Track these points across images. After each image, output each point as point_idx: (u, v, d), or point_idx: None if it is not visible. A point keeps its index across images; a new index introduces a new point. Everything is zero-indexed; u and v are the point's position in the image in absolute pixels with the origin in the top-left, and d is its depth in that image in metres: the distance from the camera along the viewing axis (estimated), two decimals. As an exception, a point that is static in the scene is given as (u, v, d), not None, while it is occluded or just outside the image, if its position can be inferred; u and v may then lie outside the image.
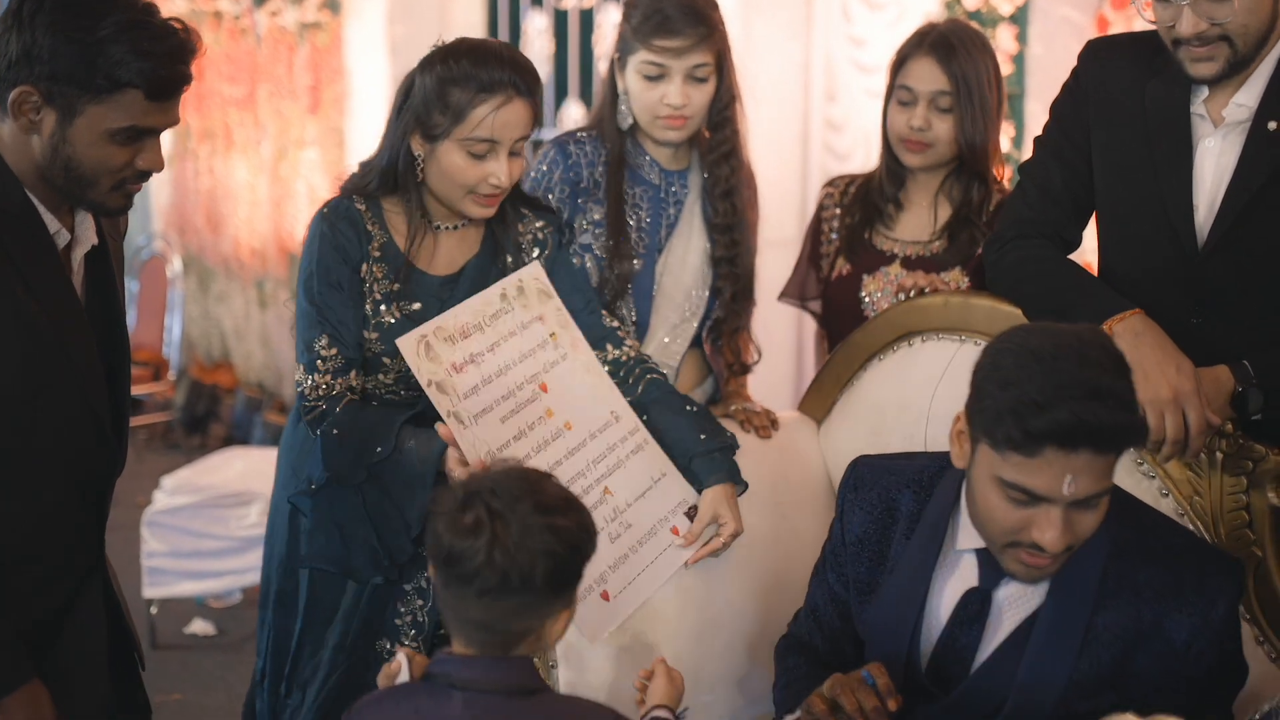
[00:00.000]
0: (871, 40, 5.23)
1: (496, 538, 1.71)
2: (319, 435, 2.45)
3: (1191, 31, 2.25)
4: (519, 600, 1.74)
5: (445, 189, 2.50)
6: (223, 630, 4.89)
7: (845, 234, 3.01)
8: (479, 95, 2.42)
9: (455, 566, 1.73)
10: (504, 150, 2.46)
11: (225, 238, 7.58)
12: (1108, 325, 2.29)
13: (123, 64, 1.97)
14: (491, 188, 2.48)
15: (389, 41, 6.60)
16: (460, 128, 2.44)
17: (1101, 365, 1.86)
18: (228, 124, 7.42)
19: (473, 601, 1.75)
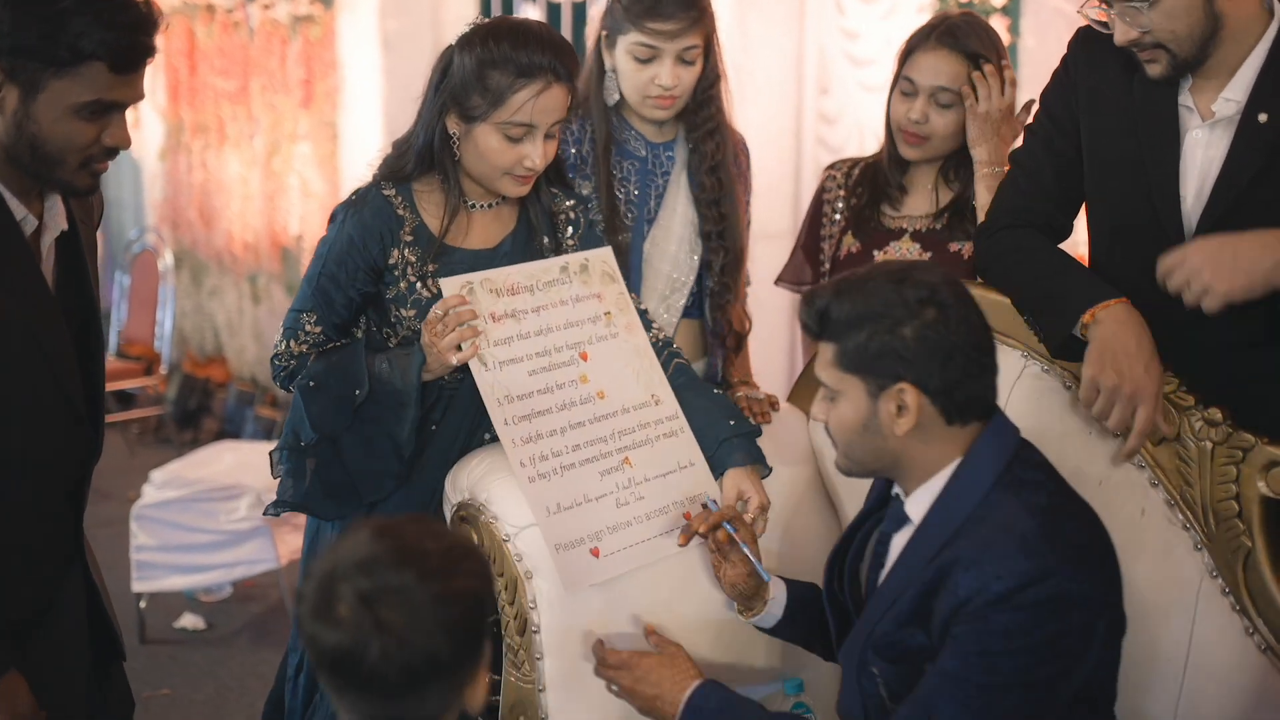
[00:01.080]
0: (864, 33, 5.22)
1: (382, 626, 1.46)
2: (295, 390, 2.48)
3: (1124, 40, 2.27)
4: (433, 685, 1.52)
5: (481, 169, 2.51)
6: (212, 625, 4.87)
7: (852, 214, 3.01)
8: (519, 80, 2.43)
9: (345, 671, 1.49)
10: (540, 133, 2.47)
11: (218, 232, 7.55)
12: (1092, 311, 2.28)
13: (85, 35, 1.93)
14: (526, 170, 2.50)
15: (382, 35, 6.60)
16: (499, 111, 2.44)
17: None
18: (220, 118, 7.39)
19: (379, 704, 1.51)
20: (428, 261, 2.53)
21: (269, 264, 7.32)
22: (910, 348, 1.94)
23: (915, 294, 1.94)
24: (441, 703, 1.55)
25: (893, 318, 1.94)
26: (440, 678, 1.52)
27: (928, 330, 1.93)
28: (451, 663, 1.52)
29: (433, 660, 1.49)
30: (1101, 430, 2.35)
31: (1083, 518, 2.01)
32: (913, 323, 1.94)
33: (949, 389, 1.96)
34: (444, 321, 2.39)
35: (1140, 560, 2.30)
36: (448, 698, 1.55)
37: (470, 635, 1.54)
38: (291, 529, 4.52)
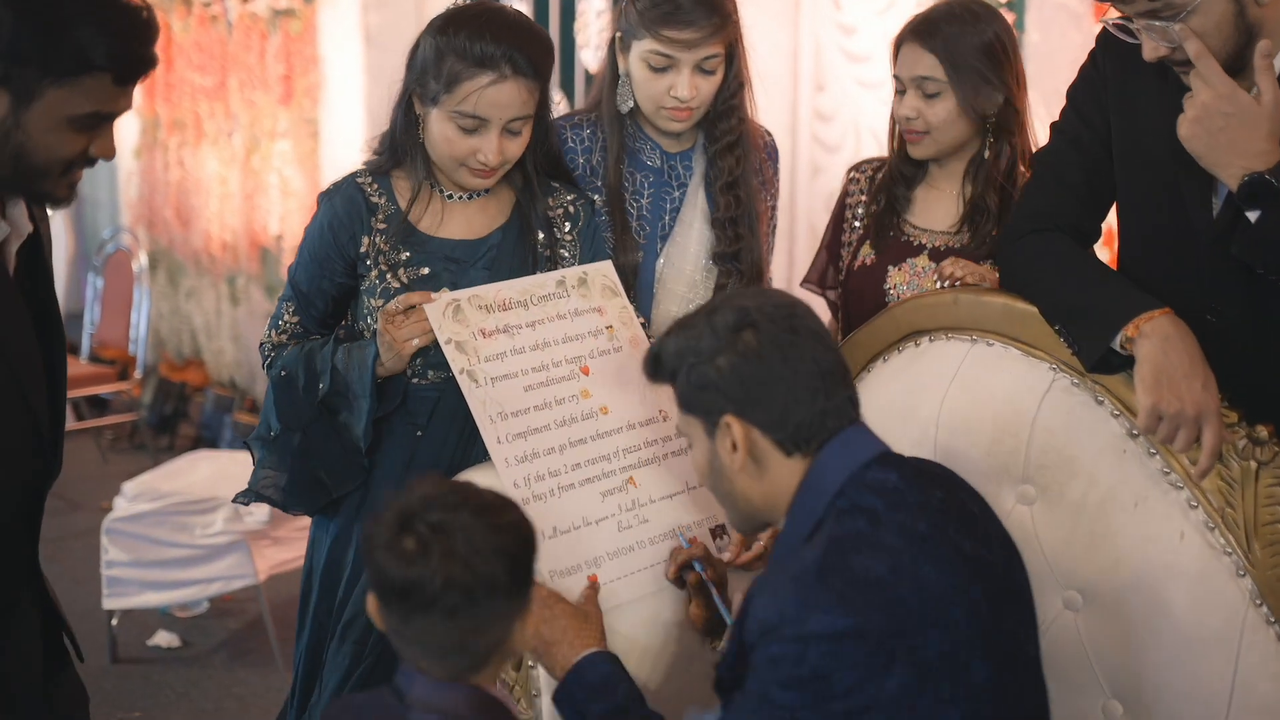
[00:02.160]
0: (862, 28, 5.14)
1: (451, 552, 1.62)
2: (270, 379, 2.51)
3: (1153, 56, 2.13)
4: (488, 609, 1.66)
5: (438, 157, 2.46)
6: (188, 643, 4.72)
7: (871, 222, 2.85)
8: (470, 69, 2.37)
9: (412, 597, 1.63)
10: (494, 128, 2.40)
11: (195, 232, 7.51)
12: (1135, 324, 2.13)
13: (93, 44, 1.82)
14: (480, 164, 2.41)
15: (364, 29, 6.53)
16: (449, 98, 2.39)
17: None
18: (198, 114, 7.36)
19: (440, 628, 1.65)
20: (399, 249, 2.46)
21: (248, 265, 7.28)
22: (726, 378, 1.83)
23: (725, 320, 1.85)
24: (499, 630, 1.68)
25: (708, 349, 1.85)
26: (497, 602, 1.65)
27: (739, 358, 1.83)
28: (508, 587, 1.65)
29: (491, 583, 1.63)
30: (1138, 449, 2.21)
31: (886, 548, 1.75)
32: (727, 352, 1.84)
33: (777, 418, 1.83)
34: (404, 314, 2.33)
35: (1177, 587, 2.16)
36: (504, 624, 1.68)
37: (522, 564, 1.68)
38: (271, 543, 4.37)
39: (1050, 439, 2.29)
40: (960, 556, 1.78)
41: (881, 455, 1.88)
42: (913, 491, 1.84)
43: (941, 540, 1.79)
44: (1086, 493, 2.25)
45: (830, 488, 1.83)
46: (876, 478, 1.84)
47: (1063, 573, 2.26)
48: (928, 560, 1.75)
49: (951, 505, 1.86)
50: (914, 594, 1.72)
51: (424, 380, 2.49)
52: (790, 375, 1.83)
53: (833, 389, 1.85)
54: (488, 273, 2.48)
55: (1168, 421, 2.11)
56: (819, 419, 1.84)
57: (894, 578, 1.73)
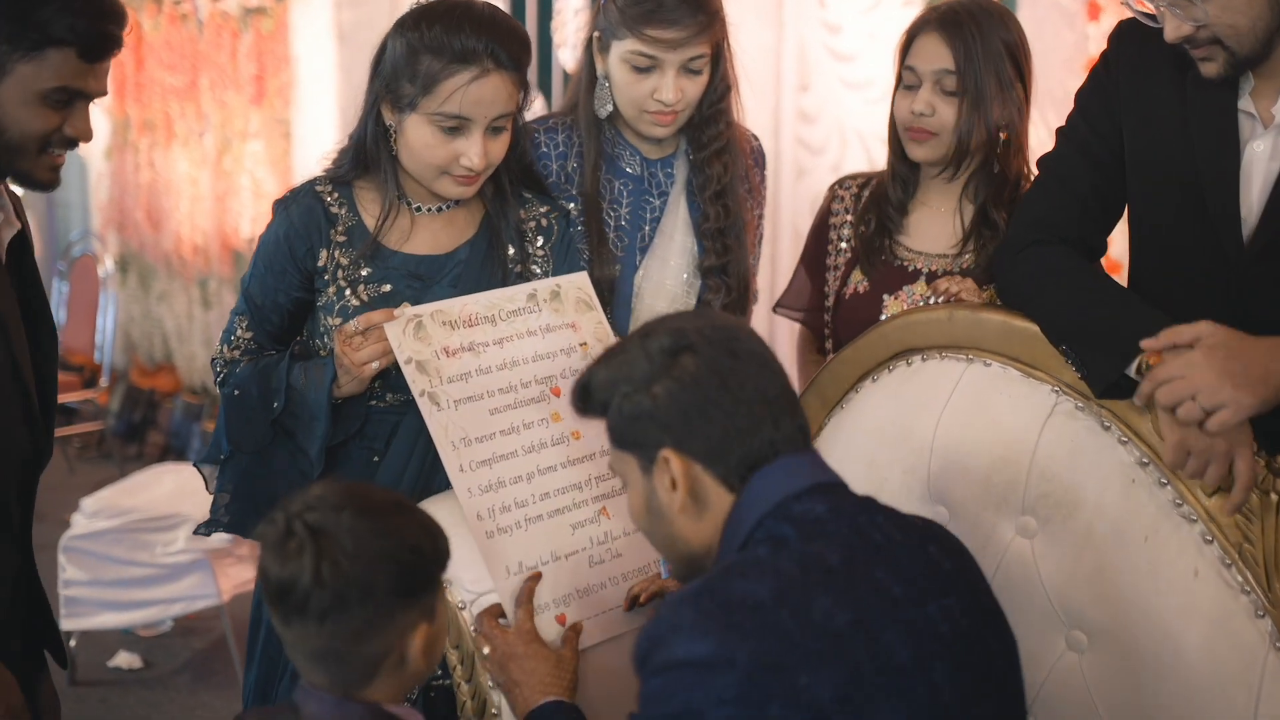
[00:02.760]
0: (847, 27, 5.07)
1: (322, 553, 1.58)
2: (222, 398, 2.38)
3: (1175, 36, 2.00)
4: (362, 617, 1.60)
5: (416, 166, 2.31)
6: (150, 663, 4.57)
7: (860, 244, 2.68)
8: (450, 65, 2.21)
9: (286, 597, 1.60)
10: (478, 129, 2.25)
11: (166, 234, 7.47)
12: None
13: (55, 20, 1.95)
14: (465, 169, 2.26)
15: (337, 28, 6.49)
16: (429, 100, 2.23)
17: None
18: (168, 114, 7.31)
19: (314, 632, 1.61)
20: (360, 264, 2.31)
21: (219, 267, 7.23)
22: (662, 407, 1.67)
23: (660, 344, 1.69)
24: (381, 640, 1.62)
25: (642, 376, 1.69)
26: (371, 610, 1.60)
27: (676, 385, 1.67)
28: (384, 597, 1.60)
29: (366, 589, 1.58)
30: (1148, 479, 2.07)
31: (775, 573, 1.58)
32: (663, 379, 1.67)
33: (718, 449, 1.67)
34: (363, 335, 2.18)
35: (1192, 628, 2.03)
36: (387, 635, 1.62)
37: (413, 573, 1.63)
38: (235, 561, 4.22)
39: (1053, 467, 2.15)
40: (879, 596, 1.59)
41: (817, 485, 1.69)
42: (839, 524, 1.65)
43: (856, 575, 1.60)
44: (1092, 525, 2.11)
45: (752, 516, 1.67)
46: (801, 508, 1.66)
47: (1066, 611, 2.12)
48: (827, 593, 1.56)
49: (900, 549, 1.66)
50: (799, 626, 1.53)
51: (382, 403, 2.34)
52: (731, 403, 1.67)
53: (779, 417, 1.69)
54: (454, 290, 2.34)
55: (1197, 457, 1.97)
56: (767, 450, 1.68)
57: (775, 604, 1.54)
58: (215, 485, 2.39)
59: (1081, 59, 4.52)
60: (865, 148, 5.06)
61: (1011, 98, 2.50)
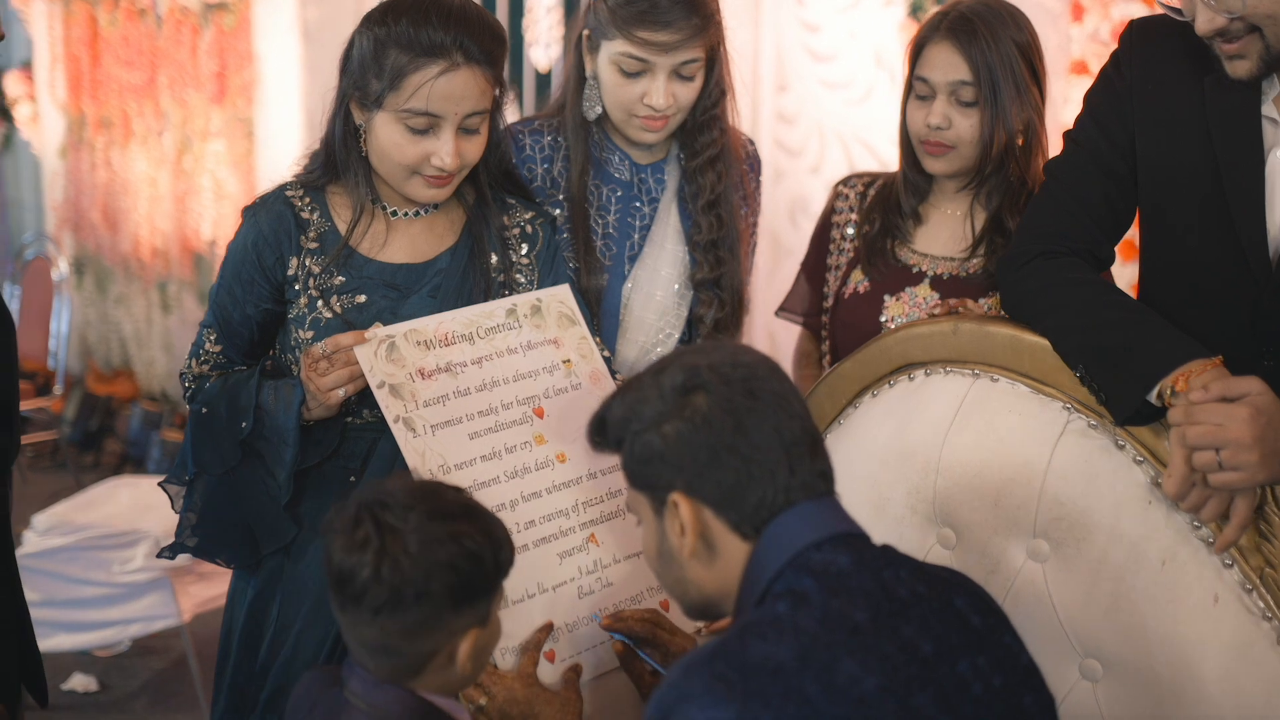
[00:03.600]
0: (826, 26, 5.04)
1: (385, 551, 1.62)
2: (191, 414, 2.27)
3: (1209, 28, 1.89)
4: (415, 617, 1.64)
5: (386, 167, 2.20)
6: (106, 686, 4.42)
7: (863, 244, 2.57)
8: (416, 60, 2.11)
9: (346, 586, 1.65)
10: (449, 126, 2.15)
11: (124, 236, 7.37)
12: (1183, 375, 1.88)
13: None
14: (436, 170, 2.15)
15: (301, 24, 6.44)
16: (396, 96, 2.13)
17: None
18: (126, 112, 7.22)
19: (367, 622, 1.65)
20: (333, 272, 2.20)
21: (180, 270, 7.13)
22: (672, 448, 1.58)
23: (673, 380, 1.60)
24: (430, 640, 1.65)
25: (653, 414, 1.60)
26: (425, 612, 1.63)
27: (687, 425, 1.58)
28: (439, 601, 1.62)
29: (422, 591, 1.61)
30: (1165, 501, 1.98)
31: (797, 633, 1.48)
32: (673, 418, 1.59)
33: (730, 495, 1.57)
34: (329, 359, 2.06)
35: (1212, 656, 1.94)
36: (437, 637, 1.65)
37: (463, 582, 1.64)
38: (196, 578, 4.08)
39: (1065, 488, 2.05)
40: (908, 657, 1.49)
41: (838, 535, 1.59)
42: (863, 577, 1.55)
43: (883, 634, 1.49)
44: (1107, 549, 2.02)
45: (772, 567, 1.56)
46: (822, 558, 1.56)
47: (1080, 639, 2.03)
48: (852, 654, 1.46)
49: (927, 603, 1.56)
50: (823, 692, 1.43)
51: (359, 419, 2.23)
52: (746, 446, 1.56)
53: (797, 462, 1.58)
54: (433, 301, 2.22)
55: (1199, 492, 1.89)
56: (781, 497, 1.58)
57: (799, 667, 1.44)
58: (181, 506, 2.27)
59: (1065, 60, 4.45)
60: (845, 149, 4.98)
61: (1029, 100, 2.40)
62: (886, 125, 5.00)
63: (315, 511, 2.23)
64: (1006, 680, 1.54)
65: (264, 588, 2.28)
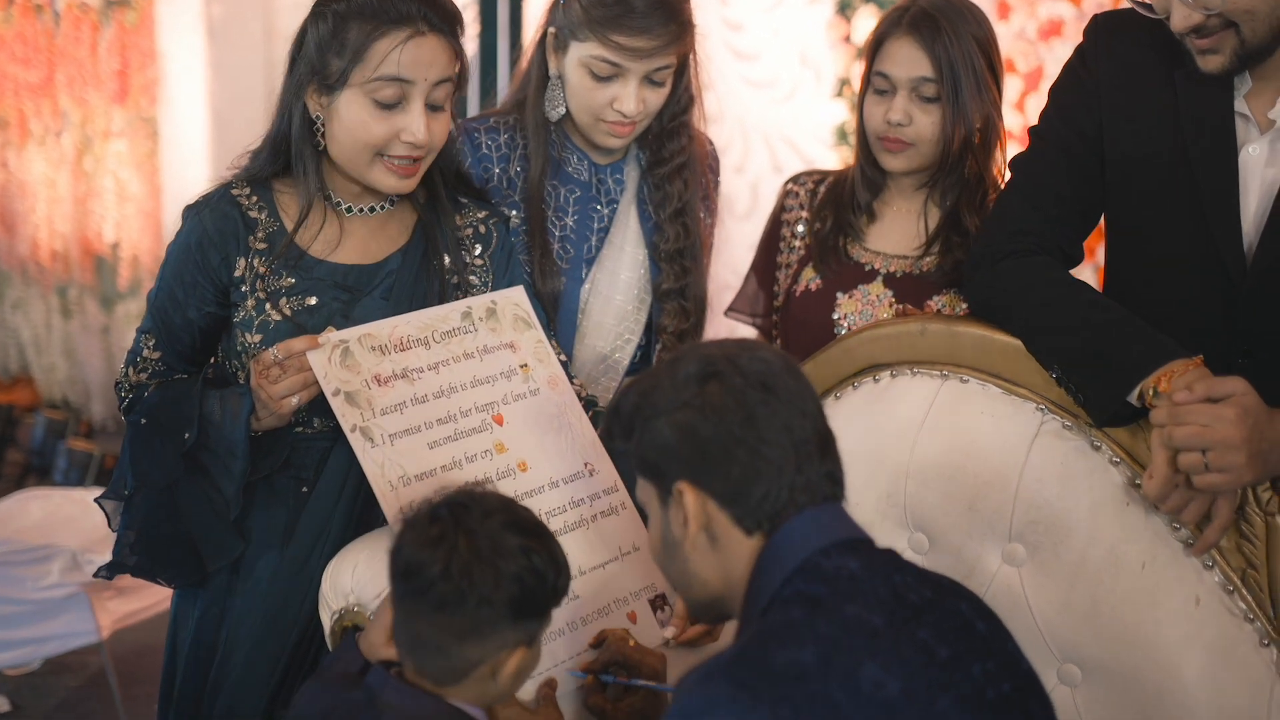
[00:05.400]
0: (749, 25, 5.02)
1: (457, 550, 1.64)
2: (128, 427, 2.17)
3: (1185, 25, 1.88)
4: (474, 621, 1.65)
5: (350, 154, 2.10)
6: (18, 705, 4.23)
7: (815, 242, 2.52)
8: (381, 27, 2.03)
9: (413, 579, 1.67)
10: (419, 96, 2.07)
11: (22, 239, 7.15)
12: (1165, 375, 1.85)
13: None
14: (407, 147, 2.07)
15: (206, 22, 6.32)
16: (361, 68, 2.05)
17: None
18: (22, 112, 7.01)
19: (427, 617, 1.67)
20: (282, 273, 2.11)
21: (81, 274, 6.92)
22: (681, 438, 1.57)
23: (687, 370, 1.59)
24: (481, 647, 1.67)
25: (665, 403, 1.58)
26: (484, 618, 1.65)
27: (698, 415, 1.56)
28: (499, 610, 1.64)
29: (485, 596, 1.64)
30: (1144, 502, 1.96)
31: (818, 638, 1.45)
32: (685, 408, 1.57)
33: (735, 489, 1.55)
34: (280, 366, 1.98)
35: (1194, 659, 1.93)
36: (488, 645, 1.67)
37: (525, 596, 1.66)
38: (114, 594, 3.92)
39: (1041, 491, 2.04)
40: (926, 660, 1.46)
41: (847, 541, 1.57)
42: (875, 582, 1.52)
43: (901, 638, 1.46)
44: (1085, 552, 2.01)
45: (780, 574, 1.53)
46: (833, 564, 1.53)
47: (1059, 643, 2.02)
48: (874, 657, 1.43)
49: (937, 608, 1.53)
50: (849, 696, 1.40)
51: (309, 429, 2.13)
52: (754, 440, 1.53)
53: (805, 462, 1.56)
54: (385, 303, 2.14)
55: (1181, 494, 1.87)
56: (786, 495, 1.54)
57: (822, 672, 1.41)
58: (118, 523, 2.16)
59: (992, 58, 4.46)
60: (770, 149, 4.96)
61: (988, 96, 2.37)
62: (812, 124, 5.02)
63: (264, 525, 2.15)
64: (1014, 686, 1.52)
65: (210, 607, 2.18)
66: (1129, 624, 1.96)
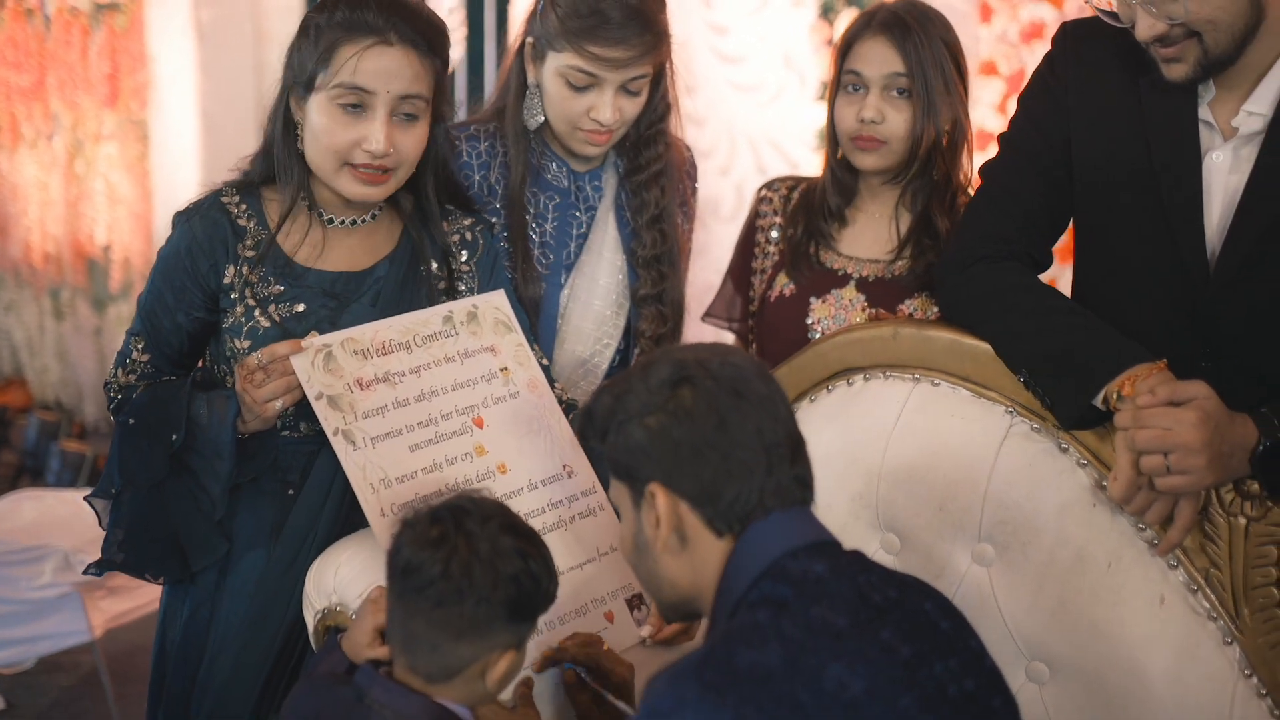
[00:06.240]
0: (734, 28, 5.03)
1: (457, 551, 1.69)
2: (116, 427, 2.19)
3: (1149, 35, 1.92)
4: (471, 617, 1.69)
5: (318, 159, 2.14)
6: (12, 704, 4.26)
7: (788, 248, 2.56)
8: (346, 34, 2.09)
9: (413, 576, 1.71)
10: (380, 106, 2.09)
11: (14, 241, 7.18)
12: (1129, 379, 1.89)
13: None
14: (368, 155, 2.09)
15: (196, 25, 6.34)
16: (326, 74, 2.10)
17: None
18: (14, 115, 7.02)
19: (424, 615, 1.71)
20: (270, 281, 2.14)
21: (73, 276, 6.97)
22: (654, 440, 1.60)
23: (660, 375, 1.62)
24: (475, 646, 1.71)
25: (637, 406, 1.62)
26: (481, 616, 1.69)
27: (670, 419, 1.59)
28: (496, 609, 1.69)
29: (483, 596, 1.68)
30: (1110, 503, 1.99)
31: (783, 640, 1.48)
32: (657, 412, 1.60)
33: (706, 491, 1.58)
34: (265, 370, 2.01)
35: (1159, 657, 1.96)
36: (481, 643, 1.71)
37: (520, 598, 1.71)
38: (107, 593, 3.95)
39: (1009, 492, 2.07)
40: (889, 659, 1.49)
41: (815, 544, 1.60)
42: (840, 584, 1.55)
43: (865, 638, 1.49)
44: (1052, 552, 2.04)
45: (747, 576, 1.57)
46: (800, 566, 1.56)
47: (1026, 642, 2.05)
48: (839, 659, 1.46)
49: (900, 608, 1.56)
50: (814, 697, 1.43)
51: (295, 433, 2.17)
52: (726, 443, 1.57)
53: (776, 465, 1.59)
54: (374, 310, 2.17)
55: (1144, 495, 1.90)
56: (756, 497, 1.58)
57: (788, 673, 1.44)
58: (107, 521, 2.19)
59: (973, 62, 4.49)
60: (755, 151, 4.98)
61: (955, 98, 2.41)
62: (796, 127, 5.05)
63: (250, 527, 2.18)
64: (977, 683, 1.55)
65: (199, 607, 2.22)
66: (1095, 622, 1.99)
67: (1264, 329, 1.97)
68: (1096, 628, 1.99)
